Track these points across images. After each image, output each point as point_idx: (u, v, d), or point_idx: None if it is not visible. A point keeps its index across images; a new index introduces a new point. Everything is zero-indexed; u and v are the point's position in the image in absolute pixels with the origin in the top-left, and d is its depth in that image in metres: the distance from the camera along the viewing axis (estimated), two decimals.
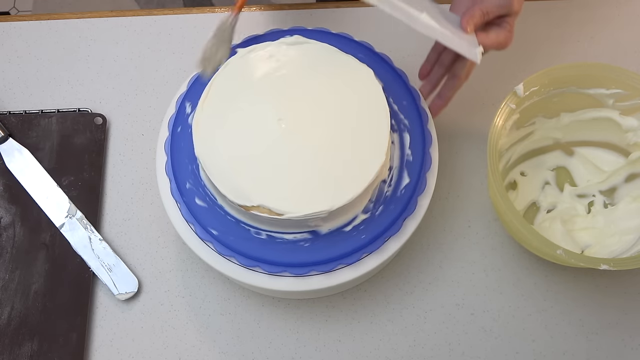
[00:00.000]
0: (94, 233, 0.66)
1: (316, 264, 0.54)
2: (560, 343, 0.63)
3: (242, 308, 0.64)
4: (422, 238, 0.66)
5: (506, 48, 0.56)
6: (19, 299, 0.64)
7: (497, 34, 0.55)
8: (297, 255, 0.54)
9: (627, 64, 0.72)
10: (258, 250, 0.54)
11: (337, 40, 0.61)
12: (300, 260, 0.54)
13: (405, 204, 0.55)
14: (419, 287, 0.65)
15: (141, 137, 0.72)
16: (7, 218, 0.67)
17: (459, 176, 0.69)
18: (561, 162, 0.69)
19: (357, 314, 0.64)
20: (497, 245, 0.66)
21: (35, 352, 0.62)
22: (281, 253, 0.54)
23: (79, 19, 0.78)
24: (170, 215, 0.57)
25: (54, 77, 0.75)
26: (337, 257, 0.54)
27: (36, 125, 0.71)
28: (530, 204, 0.67)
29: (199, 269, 0.66)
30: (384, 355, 0.63)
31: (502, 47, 0.56)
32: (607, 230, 0.64)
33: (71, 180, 0.69)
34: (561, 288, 0.64)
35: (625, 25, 0.76)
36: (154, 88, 0.74)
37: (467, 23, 0.53)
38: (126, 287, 0.64)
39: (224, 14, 0.77)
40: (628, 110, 0.63)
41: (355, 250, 0.54)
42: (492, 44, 0.55)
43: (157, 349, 0.63)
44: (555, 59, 0.74)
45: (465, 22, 0.53)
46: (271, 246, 0.54)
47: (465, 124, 0.70)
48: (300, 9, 0.77)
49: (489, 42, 0.54)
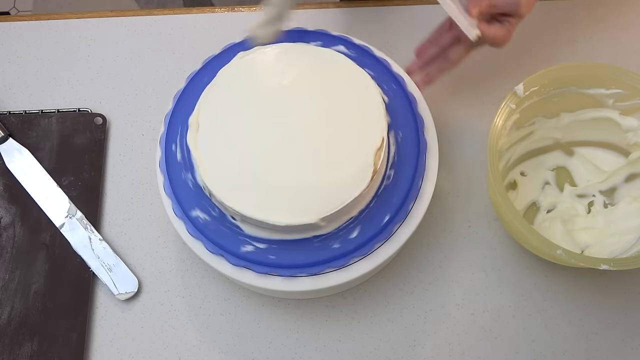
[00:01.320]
0: (94, 233, 0.66)
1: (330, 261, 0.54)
2: (560, 343, 0.63)
3: (242, 308, 0.65)
4: (422, 238, 0.66)
5: (501, 46, 0.58)
6: (19, 299, 0.64)
7: (497, 29, 0.57)
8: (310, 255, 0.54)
9: (627, 64, 0.71)
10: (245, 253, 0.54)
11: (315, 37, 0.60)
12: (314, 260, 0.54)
13: (408, 188, 0.55)
14: (419, 287, 0.65)
15: (141, 137, 0.72)
16: (7, 218, 0.67)
17: (459, 176, 0.69)
18: (561, 162, 0.69)
19: (357, 314, 0.64)
20: (497, 245, 0.66)
21: (35, 352, 0.62)
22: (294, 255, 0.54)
23: (79, 19, 0.78)
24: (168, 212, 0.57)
25: (54, 77, 0.75)
26: (349, 252, 0.54)
27: (36, 125, 0.71)
28: (530, 204, 0.67)
29: (199, 269, 0.66)
30: (384, 355, 0.63)
31: (498, 44, 0.57)
32: (607, 230, 0.64)
33: (71, 180, 0.69)
34: (561, 288, 0.65)
35: (624, 25, 0.76)
36: (154, 88, 0.74)
37: (473, 6, 0.55)
38: (126, 287, 0.64)
39: (224, 14, 0.77)
40: (628, 110, 0.63)
41: (344, 255, 0.54)
42: (489, 35, 0.56)
43: (157, 349, 0.63)
44: (555, 59, 0.74)
45: (472, 6, 0.55)
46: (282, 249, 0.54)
47: (465, 124, 0.70)
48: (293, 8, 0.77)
49: (488, 32, 0.56)
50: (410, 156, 0.56)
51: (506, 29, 0.56)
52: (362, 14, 0.77)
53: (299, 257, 0.54)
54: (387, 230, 0.54)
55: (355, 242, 0.54)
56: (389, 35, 0.75)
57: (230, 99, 0.55)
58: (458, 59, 0.60)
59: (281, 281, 0.54)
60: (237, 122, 0.54)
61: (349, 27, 0.76)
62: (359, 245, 0.54)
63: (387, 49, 0.73)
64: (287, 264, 0.54)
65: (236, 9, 0.78)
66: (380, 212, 0.55)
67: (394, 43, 0.75)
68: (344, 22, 0.76)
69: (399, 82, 0.59)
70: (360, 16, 0.77)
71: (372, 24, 0.76)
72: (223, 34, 0.76)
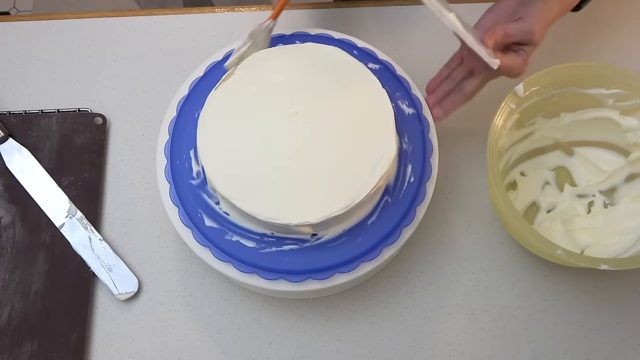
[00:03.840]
0: (94, 233, 0.66)
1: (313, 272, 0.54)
2: (560, 343, 0.63)
3: (242, 308, 0.65)
4: (422, 238, 0.66)
5: (517, 76, 0.57)
6: (19, 299, 0.64)
7: (513, 59, 0.56)
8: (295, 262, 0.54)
9: (627, 64, 0.71)
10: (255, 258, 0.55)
11: (317, 40, 0.61)
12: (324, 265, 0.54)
13: (415, 192, 0.56)
14: (419, 287, 0.65)
15: (141, 137, 0.72)
16: (7, 218, 0.67)
17: (459, 176, 0.69)
18: (561, 162, 0.69)
19: (357, 314, 0.64)
20: (497, 245, 0.66)
21: (35, 352, 0.62)
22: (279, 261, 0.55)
23: (79, 19, 0.78)
24: (173, 220, 0.57)
25: (54, 77, 0.75)
26: (334, 266, 0.54)
27: (36, 125, 0.71)
28: (530, 204, 0.67)
29: (199, 269, 0.66)
30: (384, 355, 0.63)
31: (514, 74, 0.57)
32: (607, 230, 0.64)
33: (71, 180, 0.69)
34: (561, 288, 0.65)
35: (625, 25, 0.76)
36: (154, 88, 0.74)
37: (489, 37, 0.54)
38: (126, 287, 0.64)
39: (224, 14, 0.77)
40: (628, 110, 0.63)
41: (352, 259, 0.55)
42: (506, 65, 0.55)
43: (157, 349, 0.63)
44: (555, 59, 0.74)
45: (488, 37, 0.54)
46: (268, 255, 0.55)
47: (465, 124, 0.70)
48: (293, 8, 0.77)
49: (504, 62, 0.55)
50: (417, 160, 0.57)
51: (522, 59, 0.56)
52: (362, 13, 0.77)
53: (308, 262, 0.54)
54: (395, 234, 0.55)
55: (362, 247, 0.55)
56: (389, 35, 0.75)
57: (239, 99, 0.56)
58: (473, 92, 0.60)
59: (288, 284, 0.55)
60: (245, 124, 0.55)
61: (348, 27, 0.76)
62: (367, 249, 0.55)
63: (388, 49, 0.73)
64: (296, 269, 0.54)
65: (236, 9, 0.78)
66: (388, 216, 0.55)
67: (395, 43, 0.75)
68: (339, 21, 0.76)
69: (404, 86, 0.60)
70: (359, 16, 0.77)
71: (371, 24, 0.76)
72: (223, 34, 0.76)
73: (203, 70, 0.61)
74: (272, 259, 0.54)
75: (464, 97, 0.60)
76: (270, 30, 0.60)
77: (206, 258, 0.56)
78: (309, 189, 0.52)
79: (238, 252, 0.55)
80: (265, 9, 0.77)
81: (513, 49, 0.57)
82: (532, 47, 0.56)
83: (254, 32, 0.58)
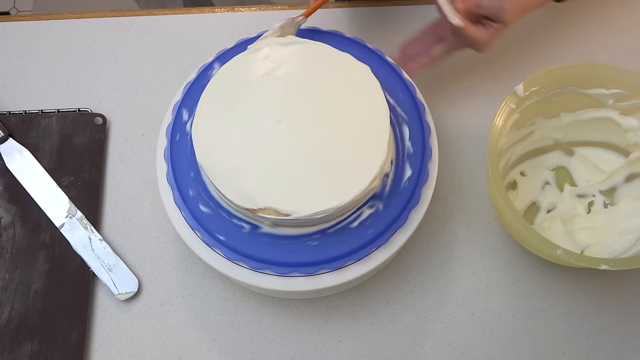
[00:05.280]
0: (94, 233, 0.66)
1: (326, 262, 0.54)
2: (560, 343, 0.63)
3: (242, 308, 0.65)
4: (422, 238, 0.66)
5: (483, 51, 0.59)
6: (19, 299, 0.64)
7: (480, 31, 0.58)
8: (306, 254, 0.54)
9: (627, 64, 0.71)
10: (266, 252, 0.54)
11: (329, 38, 0.61)
12: (309, 260, 0.54)
13: (409, 196, 0.55)
14: (419, 287, 0.65)
15: (141, 137, 0.72)
16: (7, 218, 0.67)
17: (459, 176, 0.69)
18: (561, 162, 0.69)
19: (357, 314, 0.64)
20: (497, 245, 0.66)
21: (35, 352, 0.62)
22: (289, 254, 0.54)
23: (79, 19, 0.78)
24: (174, 223, 0.57)
25: (54, 77, 0.75)
26: (346, 254, 0.54)
27: (36, 125, 0.71)
28: (530, 204, 0.67)
29: (199, 269, 0.66)
30: (384, 355, 0.63)
31: (479, 46, 0.59)
32: (607, 230, 0.64)
33: (71, 180, 0.69)
34: (561, 288, 0.65)
35: (625, 25, 0.76)
36: (154, 88, 0.74)
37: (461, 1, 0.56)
38: (126, 287, 0.64)
39: (224, 14, 0.77)
40: (628, 110, 0.63)
41: (363, 246, 0.54)
42: (471, 35, 0.57)
43: (157, 349, 0.63)
44: (555, 59, 0.74)
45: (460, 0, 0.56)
46: (279, 247, 0.54)
47: (465, 124, 0.70)
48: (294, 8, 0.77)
49: (471, 32, 0.57)
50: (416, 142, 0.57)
51: (489, 34, 0.58)
52: (361, 13, 0.77)
53: (318, 255, 0.54)
54: (402, 217, 0.55)
55: (371, 233, 0.54)
56: (389, 36, 0.75)
57: (236, 90, 0.55)
58: (438, 57, 0.62)
59: (303, 281, 0.55)
60: (240, 115, 0.54)
61: (347, 26, 0.76)
62: (376, 235, 0.54)
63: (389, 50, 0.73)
64: (306, 261, 0.54)
65: (236, 9, 0.78)
66: (393, 201, 0.55)
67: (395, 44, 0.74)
68: (340, 21, 0.76)
69: (409, 89, 0.60)
70: (358, 15, 0.77)
71: (372, 23, 0.76)
72: (223, 34, 0.76)
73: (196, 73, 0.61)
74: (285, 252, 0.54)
75: (429, 61, 0.62)
76: (298, 27, 0.60)
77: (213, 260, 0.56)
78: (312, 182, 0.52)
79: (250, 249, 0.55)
80: (265, 9, 0.77)
81: (483, 22, 0.58)
82: (501, 25, 0.57)
83: (284, 25, 0.59)
